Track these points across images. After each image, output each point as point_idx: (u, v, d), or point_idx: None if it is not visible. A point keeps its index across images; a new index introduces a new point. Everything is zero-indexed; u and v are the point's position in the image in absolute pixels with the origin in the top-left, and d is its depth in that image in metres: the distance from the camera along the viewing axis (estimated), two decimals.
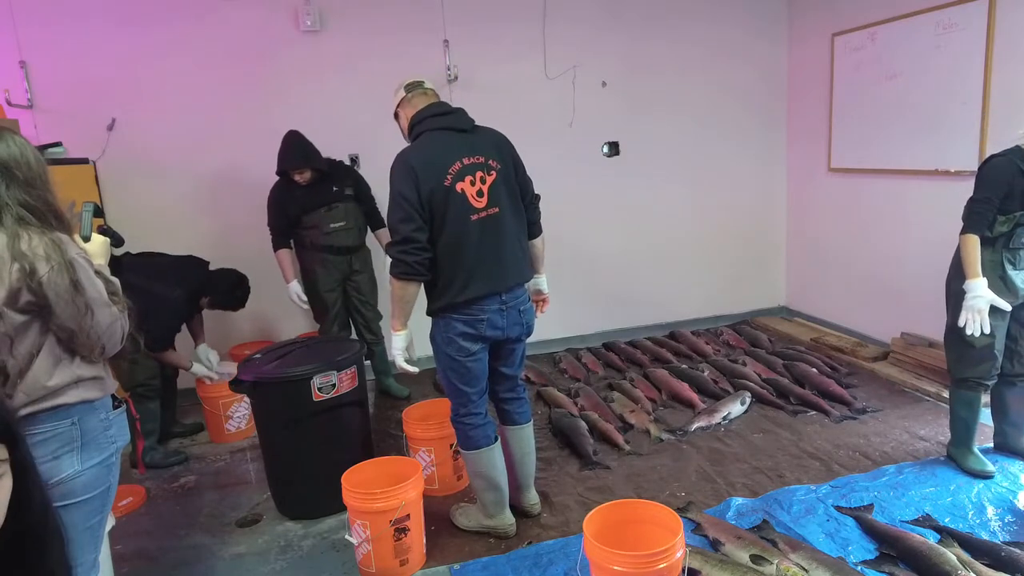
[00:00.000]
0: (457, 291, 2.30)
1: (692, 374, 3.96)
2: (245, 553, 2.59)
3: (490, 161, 2.35)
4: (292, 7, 4.01)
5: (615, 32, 4.57)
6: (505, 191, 2.37)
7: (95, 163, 3.82)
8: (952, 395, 2.84)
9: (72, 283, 1.47)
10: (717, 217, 5.02)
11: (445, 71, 4.27)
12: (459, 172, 2.27)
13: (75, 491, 1.54)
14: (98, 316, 1.52)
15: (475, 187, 2.29)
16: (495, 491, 2.51)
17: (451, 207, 2.26)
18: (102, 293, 1.54)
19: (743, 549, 2.29)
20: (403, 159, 2.28)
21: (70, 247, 1.51)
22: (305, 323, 4.27)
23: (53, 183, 1.58)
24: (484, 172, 2.32)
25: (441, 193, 2.24)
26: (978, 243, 2.55)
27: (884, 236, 4.27)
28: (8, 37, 3.63)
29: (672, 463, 3.06)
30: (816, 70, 4.68)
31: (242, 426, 3.62)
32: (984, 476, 2.72)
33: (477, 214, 2.30)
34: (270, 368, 2.70)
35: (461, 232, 2.28)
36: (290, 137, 3.60)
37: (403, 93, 2.48)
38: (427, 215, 2.24)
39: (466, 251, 2.29)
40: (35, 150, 1.56)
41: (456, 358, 2.38)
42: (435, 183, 2.24)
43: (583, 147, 4.65)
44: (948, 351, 2.80)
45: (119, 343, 1.60)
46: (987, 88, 3.45)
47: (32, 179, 1.51)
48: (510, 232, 2.38)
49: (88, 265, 1.53)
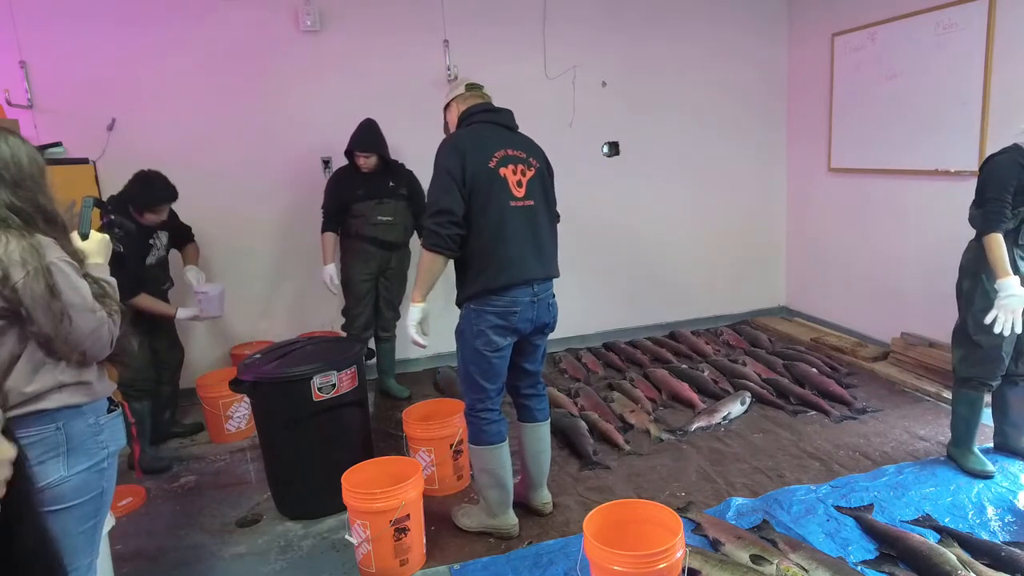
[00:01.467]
0: (493, 275, 2.32)
1: (692, 374, 3.96)
2: (245, 553, 2.59)
3: (531, 159, 2.45)
4: (292, 7, 4.01)
5: (615, 32, 4.57)
6: (540, 189, 2.47)
7: (95, 163, 3.82)
8: (955, 394, 2.84)
9: (48, 288, 1.43)
10: (717, 217, 5.02)
11: (445, 71, 4.27)
12: (503, 159, 2.36)
13: (64, 496, 1.52)
14: (77, 322, 1.48)
15: (516, 176, 2.38)
16: (500, 489, 2.51)
17: (494, 189, 2.32)
18: (85, 298, 1.50)
19: (743, 549, 2.29)
20: (451, 140, 2.38)
21: (50, 251, 1.47)
22: (304, 323, 4.27)
23: (49, 184, 1.55)
24: (525, 167, 2.42)
25: (485, 174, 2.31)
26: (1002, 241, 2.53)
27: (884, 236, 4.27)
28: (8, 37, 3.63)
29: (672, 463, 3.06)
30: (816, 70, 4.68)
31: (242, 426, 3.62)
32: (984, 476, 2.72)
33: (516, 201, 2.37)
34: (270, 368, 2.70)
35: (501, 216, 2.33)
36: (365, 122, 3.69)
37: (462, 89, 2.56)
38: (467, 193, 2.29)
39: (505, 235, 2.34)
40: (32, 151, 1.54)
41: (483, 352, 2.39)
42: (480, 164, 2.30)
43: (583, 147, 4.65)
44: (955, 349, 2.80)
45: (106, 347, 1.56)
46: (987, 88, 3.45)
47: (21, 180, 1.48)
48: (544, 225, 2.48)
49: (71, 269, 1.50)
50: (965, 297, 2.70)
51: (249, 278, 4.16)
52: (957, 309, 2.78)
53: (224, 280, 3.84)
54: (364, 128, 3.68)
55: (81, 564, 1.60)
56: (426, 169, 4.22)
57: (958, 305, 2.77)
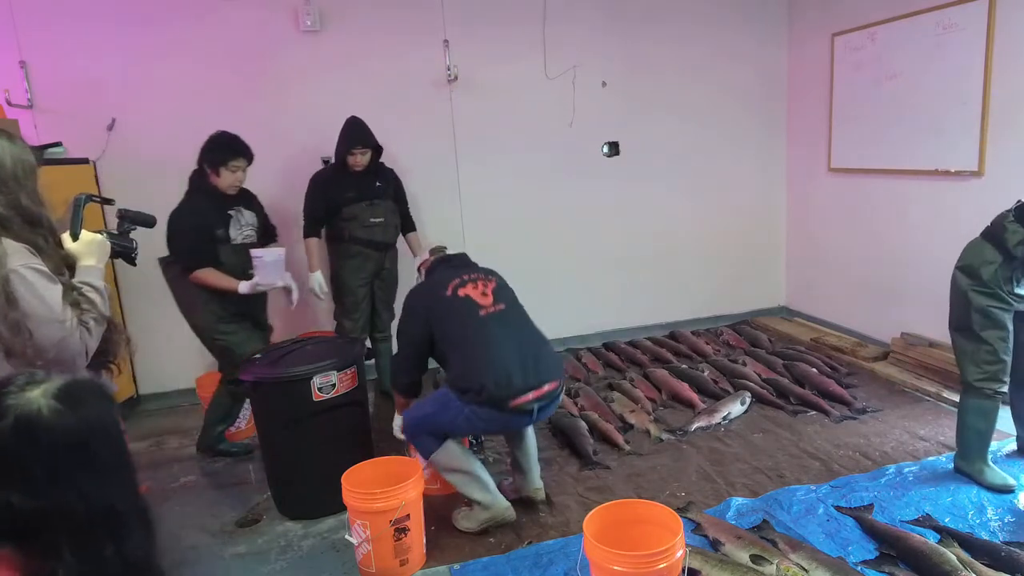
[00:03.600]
0: (501, 382, 2.40)
1: (692, 374, 3.96)
2: (245, 553, 2.59)
3: (489, 277, 2.68)
4: (292, 7, 4.01)
5: (615, 32, 4.57)
6: (508, 294, 2.67)
7: (95, 163, 3.82)
8: (964, 405, 2.71)
9: (6, 299, 1.37)
10: (717, 217, 5.02)
11: (445, 71, 4.27)
12: (459, 284, 2.57)
13: None
14: (39, 332, 1.41)
15: (478, 290, 2.58)
16: (474, 477, 2.57)
17: (458, 309, 2.53)
18: (52, 307, 1.42)
19: (743, 549, 2.29)
20: (410, 299, 2.69)
21: (15, 257, 1.41)
22: (308, 321, 4.27)
23: (36, 184, 1.51)
24: (484, 281, 2.63)
25: (444, 303, 2.54)
26: None
27: (884, 236, 4.27)
28: (8, 37, 3.63)
29: (672, 463, 3.06)
30: (816, 70, 4.68)
31: (242, 426, 3.61)
32: (1007, 491, 2.60)
33: (486, 310, 2.54)
34: (270, 368, 2.70)
35: (473, 327, 2.50)
36: (354, 120, 3.64)
37: (426, 255, 2.88)
38: (431, 331, 2.56)
39: (489, 345, 2.46)
40: (17, 151, 1.49)
41: (460, 426, 2.52)
42: (437, 300, 2.56)
43: (583, 147, 4.65)
44: (959, 355, 2.69)
45: (77, 356, 1.49)
46: (987, 88, 3.45)
47: (2, 180, 1.44)
48: (524, 325, 2.63)
49: (37, 276, 1.42)
50: (960, 296, 2.63)
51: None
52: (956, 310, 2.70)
53: None
54: (356, 125, 3.62)
55: None
56: (426, 169, 4.29)
57: (952, 305, 2.69)
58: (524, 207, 4.58)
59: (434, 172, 4.38)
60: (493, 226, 4.52)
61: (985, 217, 2.66)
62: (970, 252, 2.65)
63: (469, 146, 4.43)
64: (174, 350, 3.95)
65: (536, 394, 2.44)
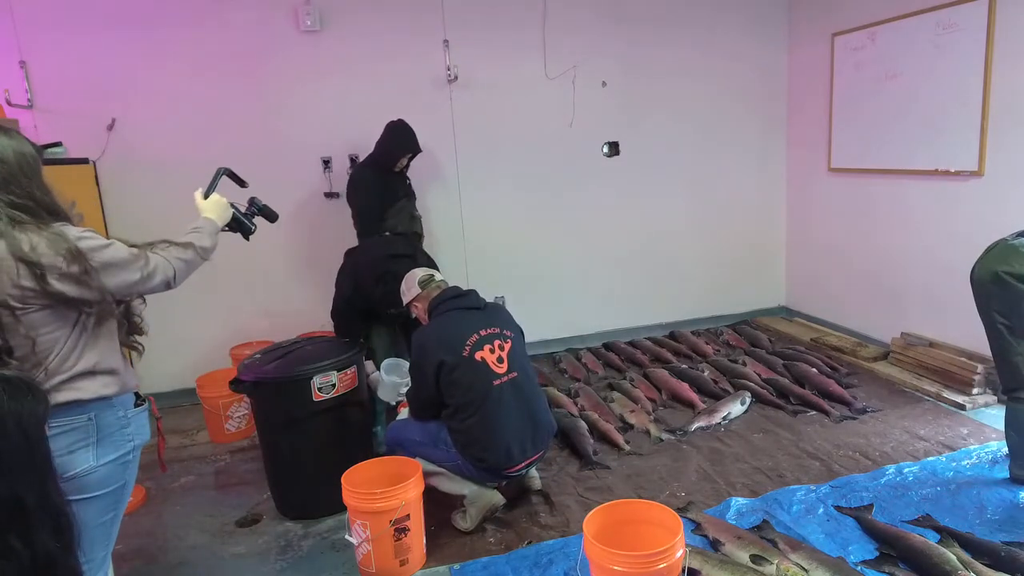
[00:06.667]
0: (501, 457, 2.50)
1: (692, 374, 3.96)
2: (245, 553, 2.59)
3: (504, 331, 2.62)
4: (292, 7, 4.01)
5: (615, 32, 4.57)
6: (521, 356, 2.65)
7: (95, 163, 3.82)
8: (1012, 414, 2.63)
9: (84, 270, 1.47)
10: (717, 217, 5.02)
11: (445, 71, 4.27)
12: (476, 343, 2.52)
13: (89, 486, 1.55)
14: (118, 281, 1.54)
15: (494, 355, 2.55)
16: (452, 475, 2.62)
17: (474, 374, 2.49)
18: (118, 250, 1.55)
19: (743, 549, 2.29)
20: (421, 338, 2.56)
21: (70, 231, 1.50)
22: (304, 323, 4.27)
23: (41, 176, 1.55)
24: (500, 340, 2.59)
25: (462, 364, 2.48)
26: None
27: (884, 236, 4.27)
28: (8, 37, 3.63)
29: (672, 463, 3.06)
30: (816, 70, 4.68)
31: (242, 426, 3.62)
32: None
33: (500, 379, 2.52)
34: (270, 368, 2.70)
35: (486, 397, 2.49)
36: (404, 124, 3.73)
37: (418, 289, 2.74)
38: (444, 387, 2.49)
39: (497, 419, 2.49)
40: (17, 145, 1.52)
41: (447, 464, 2.58)
42: (455, 356, 2.47)
43: (583, 147, 4.65)
44: (999, 363, 2.62)
45: (170, 281, 1.65)
46: (987, 88, 3.44)
47: (10, 176, 1.48)
48: (534, 396, 2.64)
49: (92, 233, 1.53)
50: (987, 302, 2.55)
51: (249, 278, 4.16)
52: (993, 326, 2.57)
53: (224, 280, 3.85)
54: (408, 132, 3.72)
55: (96, 556, 1.61)
56: (426, 169, 4.29)
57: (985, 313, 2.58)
58: (524, 207, 4.58)
59: (434, 172, 4.38)
60: (493, 226, 4.53)
61: (985, 217, 2.65)
62: (1015, 256, 2.50)
63: (469, 146, 4.43)
64: (174, 350, 3.95)
65: (527, 463, 2.62)
